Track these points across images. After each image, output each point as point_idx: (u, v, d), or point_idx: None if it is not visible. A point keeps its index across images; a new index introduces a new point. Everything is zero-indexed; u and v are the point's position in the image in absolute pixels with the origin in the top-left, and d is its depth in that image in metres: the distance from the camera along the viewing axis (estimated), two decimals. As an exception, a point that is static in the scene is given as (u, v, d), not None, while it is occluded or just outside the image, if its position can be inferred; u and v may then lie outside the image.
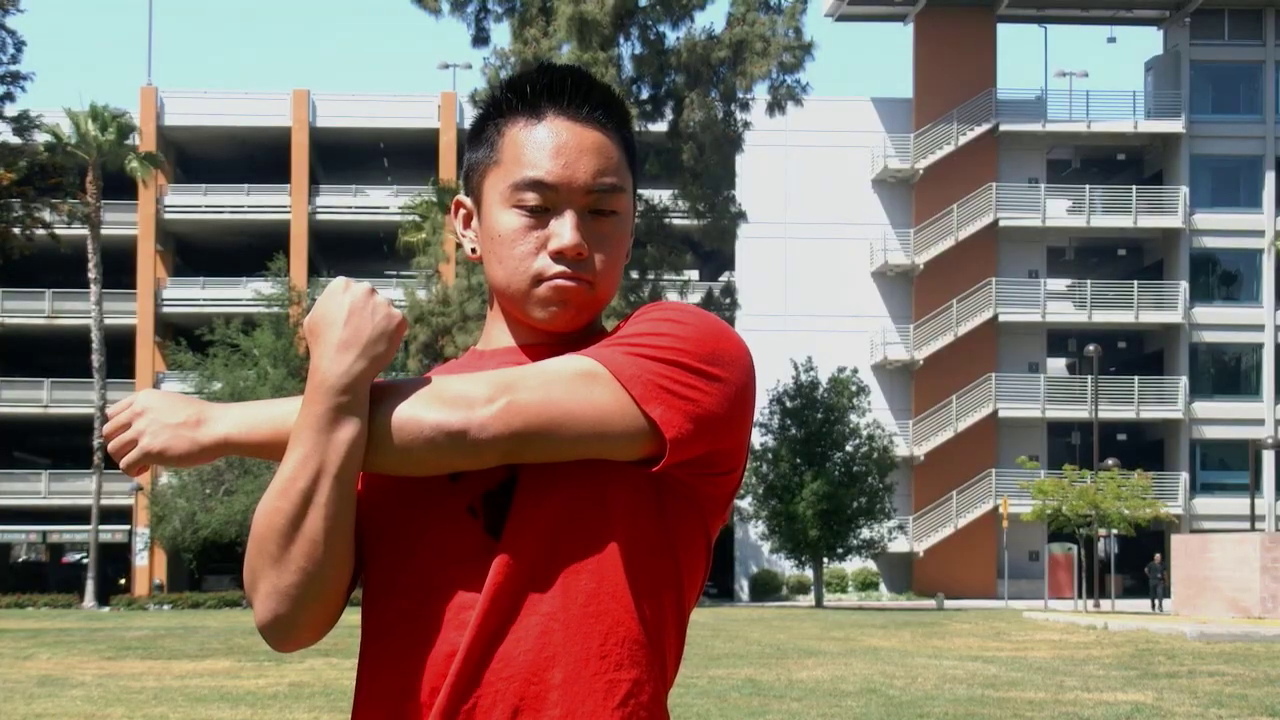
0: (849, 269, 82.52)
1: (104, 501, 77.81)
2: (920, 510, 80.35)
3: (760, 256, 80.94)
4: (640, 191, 67.22)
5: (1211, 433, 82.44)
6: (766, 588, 78.76)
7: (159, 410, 2.61)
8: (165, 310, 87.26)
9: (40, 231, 68.13)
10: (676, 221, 71.01)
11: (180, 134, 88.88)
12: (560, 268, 2.60)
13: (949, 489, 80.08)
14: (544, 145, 2.60)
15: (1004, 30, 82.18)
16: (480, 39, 68.69)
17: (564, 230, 2.59)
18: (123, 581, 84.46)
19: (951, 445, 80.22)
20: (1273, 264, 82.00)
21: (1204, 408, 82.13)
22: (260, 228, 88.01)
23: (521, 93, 2.65)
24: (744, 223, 70.36)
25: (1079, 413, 78.84)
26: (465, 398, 2.47)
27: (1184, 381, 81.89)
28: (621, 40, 67.87)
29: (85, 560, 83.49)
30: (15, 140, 68.89)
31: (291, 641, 2.64)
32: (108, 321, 79.66)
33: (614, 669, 2.52)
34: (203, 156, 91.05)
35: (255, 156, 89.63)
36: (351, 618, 2.97)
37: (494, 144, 2.68)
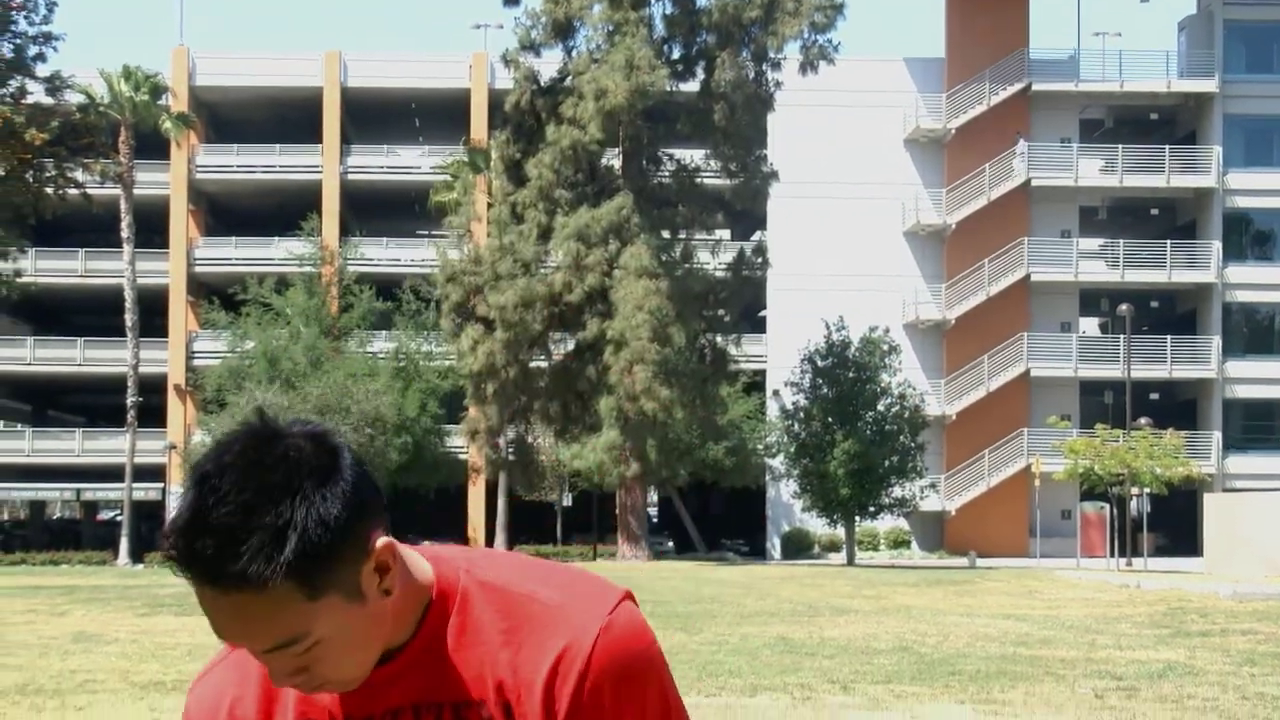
0: (881, 229, 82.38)
1: (138, 459, 78.14)
2: (952, 469, 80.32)
3: (792, 216, 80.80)
4: (671, 151, 67.34)
5: (1244, 392, 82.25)
6: (798, 546, 78.80)
7: None
8: (198, 269, 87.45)
9: (73, 191, 68.17)
10: (708, 181, 70.94)
11: (212, 94, 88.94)
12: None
13: (981, 448, 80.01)
14: (208, 611, 2.38)
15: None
16: (512, -1, 68.76)
17: (269, 672, 2.46)
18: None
19: (983, 404, 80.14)
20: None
21: (1236, 367, 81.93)
22: (292, 187, 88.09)
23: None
24: (775, 182, 70.23)
25: (1111, 372, 78.65)
26: None
27: (1217, 341, 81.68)
28: (653, 0, 67.75)
29: (119, 518, 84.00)
30: (47, 100, 68.91)
31: None
32: (140, 281, 79.86)
33: None
34: (234, 117, 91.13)
35: (287, 117, 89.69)
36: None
37: None
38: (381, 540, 2.42)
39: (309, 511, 2.32)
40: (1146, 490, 65.23)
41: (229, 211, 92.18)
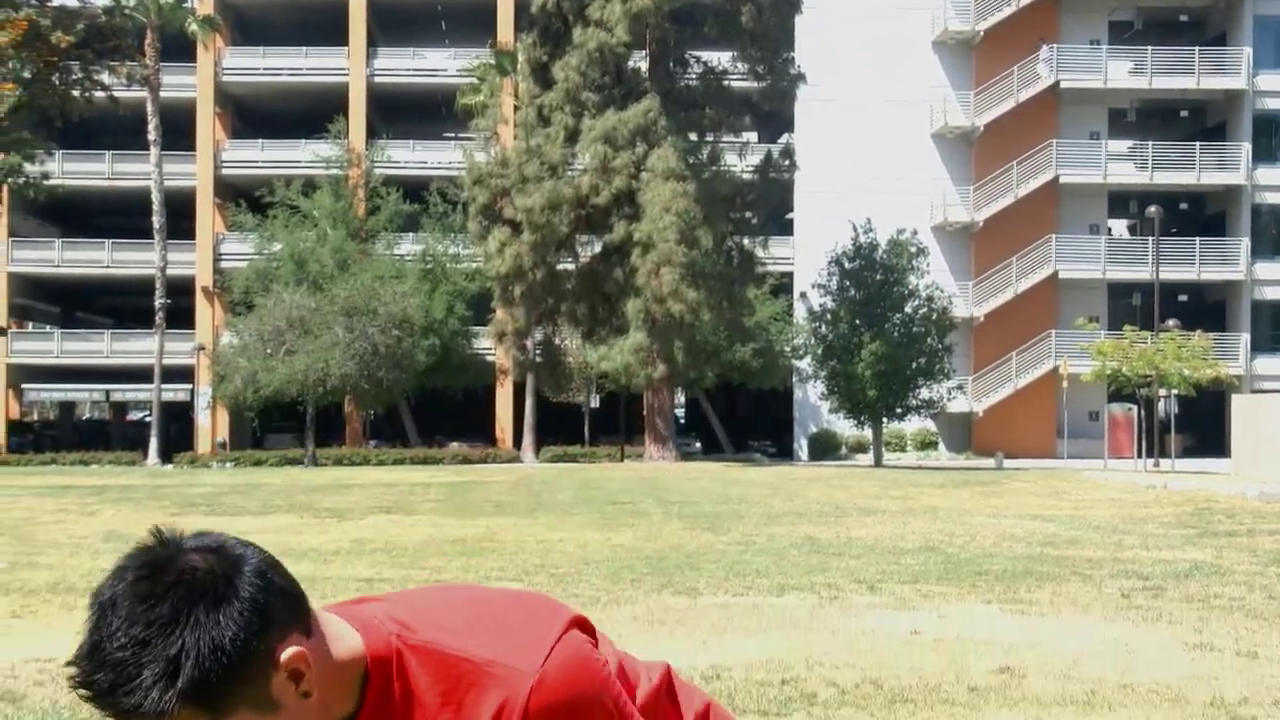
0: (908, 131, 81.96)
1: (166, 361, 78.42)
2: (979, 371, 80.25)
3: (819, 119, 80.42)
4: (698, 53, 66.95)
5: (1272, 294, 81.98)
6: (825, 447, 78.90)
7: None
8: (224, 172, 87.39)
9: (99, 94, 68.17)
10: (735, 84, 70.66)
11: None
12: None
13: (1008, 350, 79.91)
14: None
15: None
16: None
17: None
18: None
19: (1011, 307, 79.97)
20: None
21: (1265, 269, 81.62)
22: (318, 90, 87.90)
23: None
24: (803, 85, 69.95)
25: (1140, 274, 78.43)
26: None
27: (1245, 243, 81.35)
28: (680, -100, 67.33)
29: (148, 419, 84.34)
30: (73, 3, 68.79)
31: None
32: (167, 183, 79.89)
33: None
34: (260, 19, 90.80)
35: (312, 19, 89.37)
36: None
37: None
38: (290, 651, 2.40)
39: (200, 640, 2.32)
40: (1174, 392, 65.14)
41: (255, 114, 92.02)
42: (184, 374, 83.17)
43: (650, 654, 11.02)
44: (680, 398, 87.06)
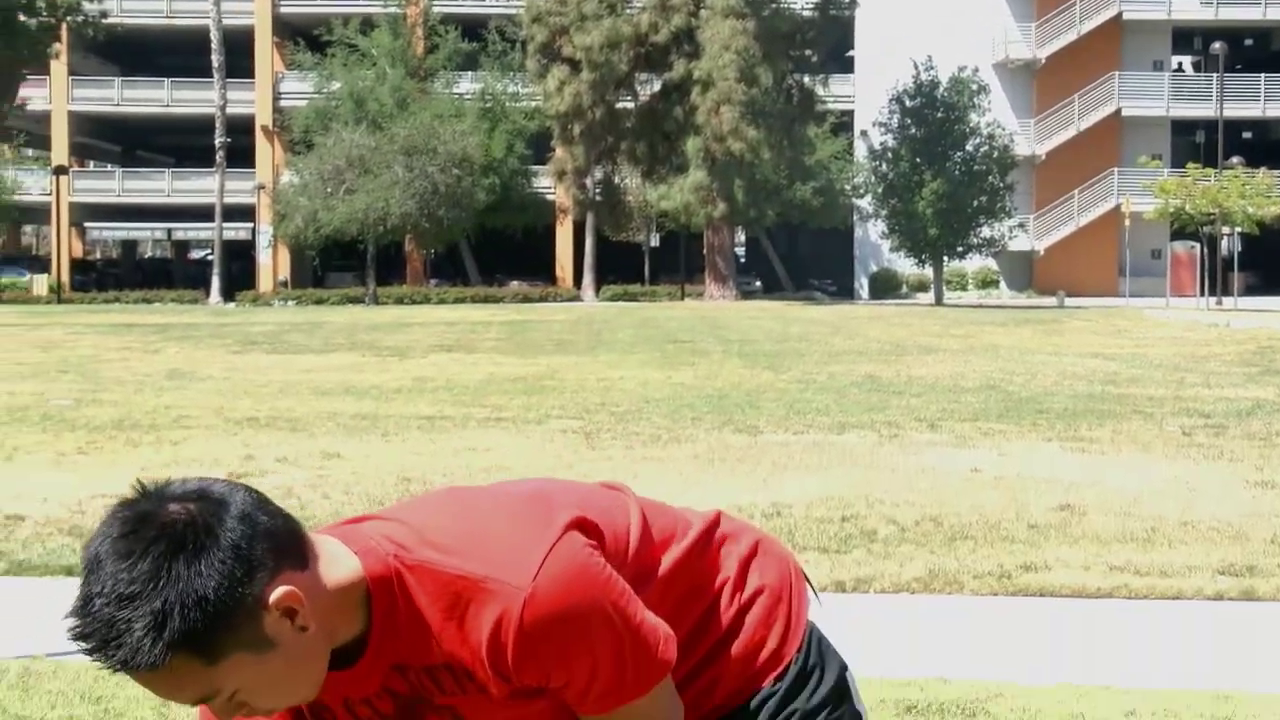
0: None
1: (227, 200, 78.60)
2: (1041, 209, 79.77)
3: (881, -48, 79.53)
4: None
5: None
6: (886, 286, 78.73)
7: None
8: (283, 10, 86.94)
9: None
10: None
11: None
12: None
13: (1070, 188, 79.36)
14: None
15: None
16: None
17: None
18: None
19: (1073, 144, 79.32)
20: None
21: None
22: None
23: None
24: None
25: (1203, 111, 77.65)
26: None
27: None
28: None
29: (210, 257, 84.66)
30: None
31: None
32: (226, 21, 79.65)
33: None
34: None
35: None
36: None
37: None
38: (279, 591, 2.42)
39: (184, 592, 2.35)
40: (1237, 230, 64.77)
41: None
42: (245, 213, 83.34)
43: (710, 491, 11.13)
44: (740, 237, 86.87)
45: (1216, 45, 67.13)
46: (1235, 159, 66.79)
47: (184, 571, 2.35)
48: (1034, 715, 7.14)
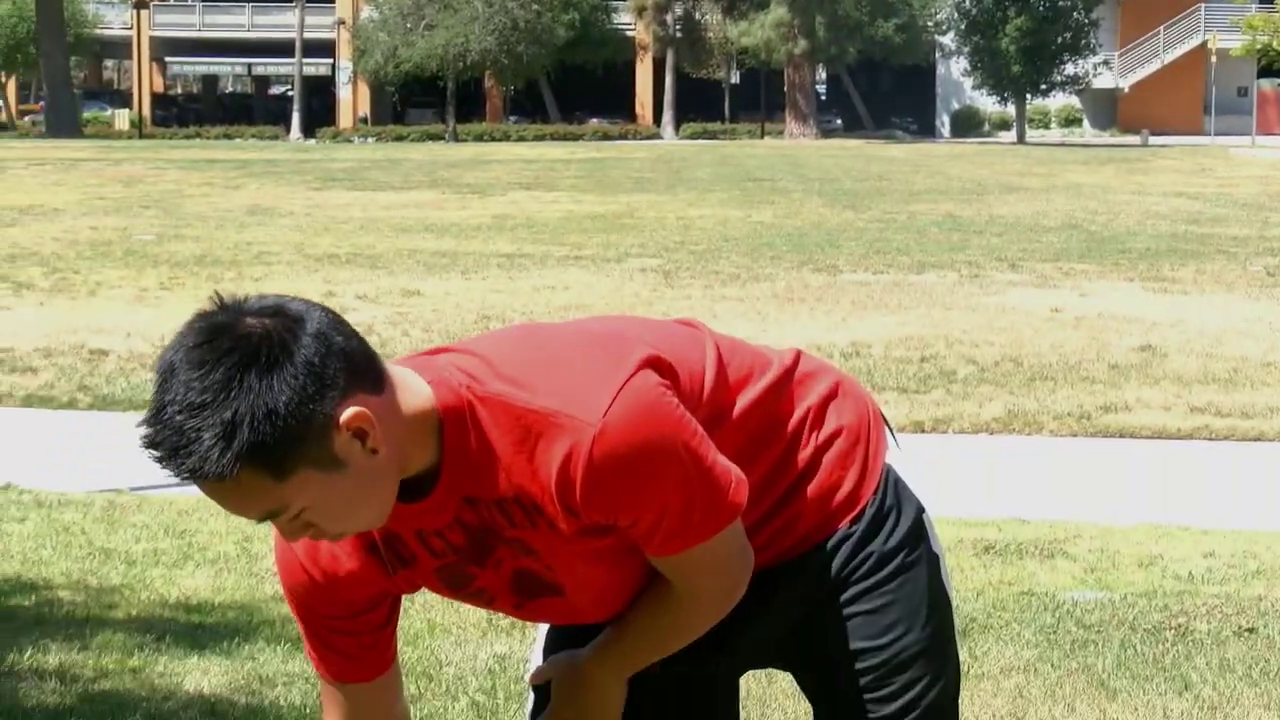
0: None
1: (307, 35, 78.40)
2: (1126, 46, 78.73)
3: None
4: None
5: None
6: (967, 124, 78.06)
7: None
8: None
9: None
10: None
11: None
12: None
13: (1156, 24, 78.24)
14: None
15: None
16: None
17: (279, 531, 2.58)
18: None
19: (1160, -21, 78.21)
20: None
21: None
22: None
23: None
24: None
25: (1296, -55, 76.36)
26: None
27: None
28: None
29: (290, 93, 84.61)
30: None
31: None
32: None
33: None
34: None
35: None
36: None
37: None
38: (350, 411, 2.41)
39: (255, 404, 2.34)
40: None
41: None
42: (324, 48, 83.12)
43: (790, 330, 11.15)
44: (821, 74, 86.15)
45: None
46: (1327, -6, 65.73)
47: (256, 384, 2.35)
48: (1112, 556, 7.15)
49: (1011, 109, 70.52)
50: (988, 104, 75.56)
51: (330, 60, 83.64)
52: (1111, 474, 9.31)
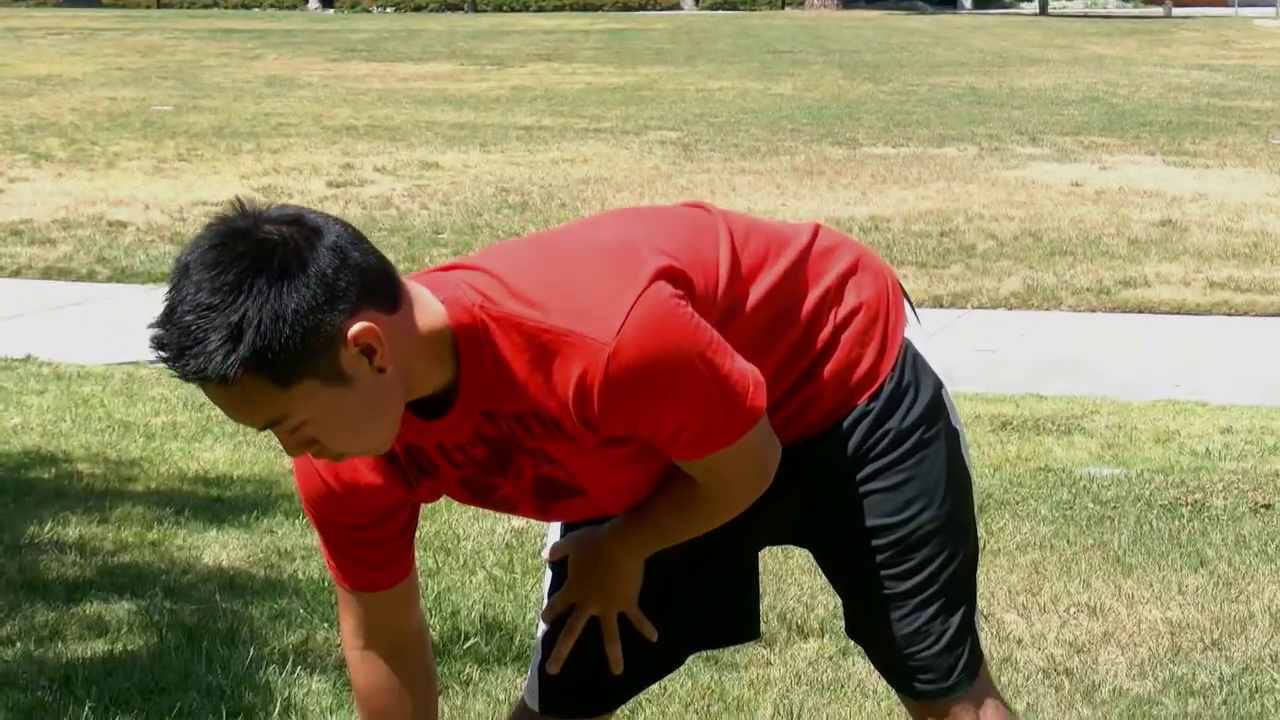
0: None
1: (324, -95, 77.81)
2: (1151, -83, 78.03)
3: None
4: None
5: None
6: (989, -4, 77.55)
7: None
8: None
9: None
10: None
11: None
12: None
13: (1182, -106, 77.50)
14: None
15: None
16: None
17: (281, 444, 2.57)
18: None
19: None
20: None
21: None
22: None
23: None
24: None
25: None
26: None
27: None
28: None
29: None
30: None
31: None
32: None
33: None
34: None
35: None
36: None
37: None
38: (358, 326, 2.41)
39: (263, 309, 2.34)
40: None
41: None
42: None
43: (809, 204, 11.14)
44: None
45: None
46: None
47: (266, 289, 2.35)
48: (1129, 432, 7.16)
49: (1033, -22, 70.04)
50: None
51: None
52: (1130, 349, 9.32)
